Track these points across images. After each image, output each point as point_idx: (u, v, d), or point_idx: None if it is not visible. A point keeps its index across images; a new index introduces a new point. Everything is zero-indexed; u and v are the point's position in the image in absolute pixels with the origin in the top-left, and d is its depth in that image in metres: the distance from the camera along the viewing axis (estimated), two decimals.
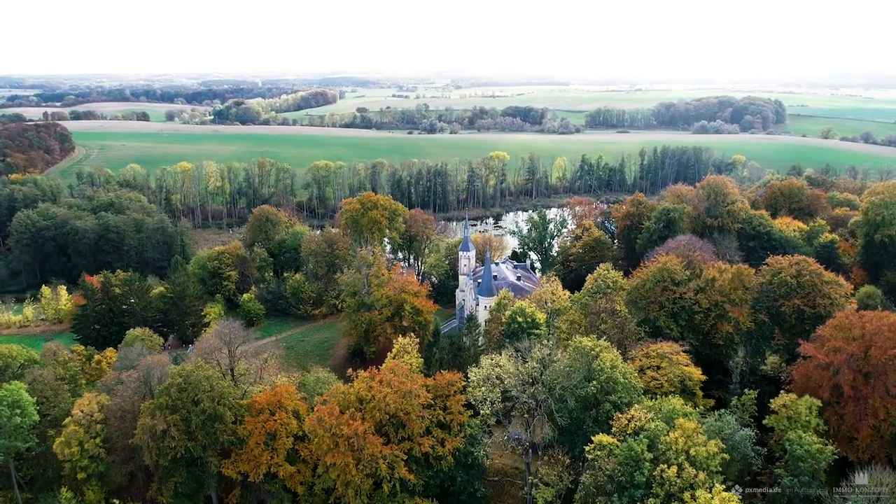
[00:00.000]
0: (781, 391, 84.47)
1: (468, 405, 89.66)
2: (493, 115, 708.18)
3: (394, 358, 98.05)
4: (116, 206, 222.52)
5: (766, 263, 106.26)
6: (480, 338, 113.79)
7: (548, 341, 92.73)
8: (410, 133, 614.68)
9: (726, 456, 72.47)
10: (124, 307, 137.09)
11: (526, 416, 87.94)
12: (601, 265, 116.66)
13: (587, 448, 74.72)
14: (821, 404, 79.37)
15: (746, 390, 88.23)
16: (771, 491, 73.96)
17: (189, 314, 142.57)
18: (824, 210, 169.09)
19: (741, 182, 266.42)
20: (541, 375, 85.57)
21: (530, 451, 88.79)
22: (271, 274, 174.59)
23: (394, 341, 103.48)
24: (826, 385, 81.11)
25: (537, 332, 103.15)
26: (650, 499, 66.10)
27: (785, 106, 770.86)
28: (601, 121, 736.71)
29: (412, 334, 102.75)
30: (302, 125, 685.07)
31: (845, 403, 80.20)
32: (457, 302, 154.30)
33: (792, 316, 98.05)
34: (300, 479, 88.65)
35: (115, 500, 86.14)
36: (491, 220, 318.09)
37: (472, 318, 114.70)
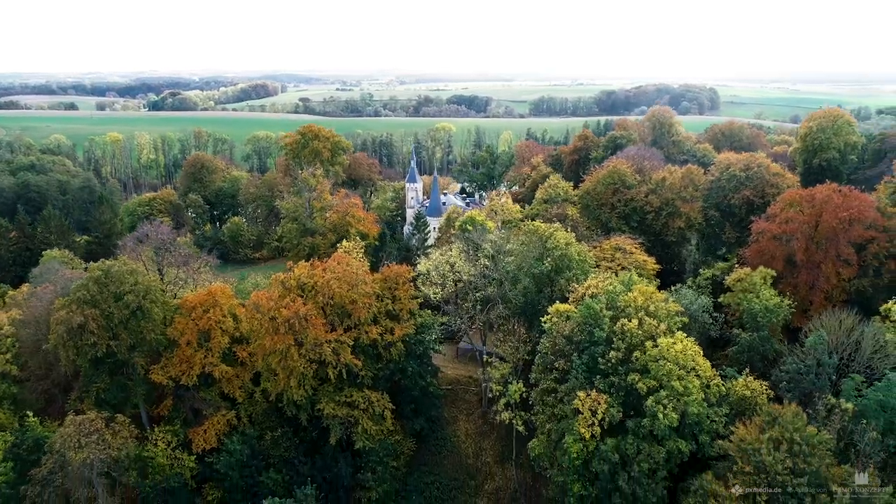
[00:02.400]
0: (735, 268, 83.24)
1: (422, 304, 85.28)
2: (439, 104, 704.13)
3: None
4: (38, 169, 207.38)
5: (714, 163, 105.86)
6: (430, 241, 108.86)
7: (499, 231, 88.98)
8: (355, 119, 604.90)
9: (685, 319, 70.38)
10: (44, 247, 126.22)
11: (478, 304, 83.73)
12: (552, 176, 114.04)
13: (543, 319, 71.30)
14: (774, 274, 78.39)
15: (701, 269, 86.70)
16: (730, 350, 72.25)
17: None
18: (764, 147, 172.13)
19: None
20: (493, 263, 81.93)
21: (482, 359, 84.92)
22: (208, 223, 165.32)
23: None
24: (779, 256, 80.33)
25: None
26: (611, 352, 62.96)
27: (719, 94, 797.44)
28: (545, 108, 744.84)
29: (357, 238, 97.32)
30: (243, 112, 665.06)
31: (798, 273, 79.56)
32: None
33: (742, 208, 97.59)
34: (239, 384, 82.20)
35: (28, 413, 77.28)
36: None
37: (419, 218, 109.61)
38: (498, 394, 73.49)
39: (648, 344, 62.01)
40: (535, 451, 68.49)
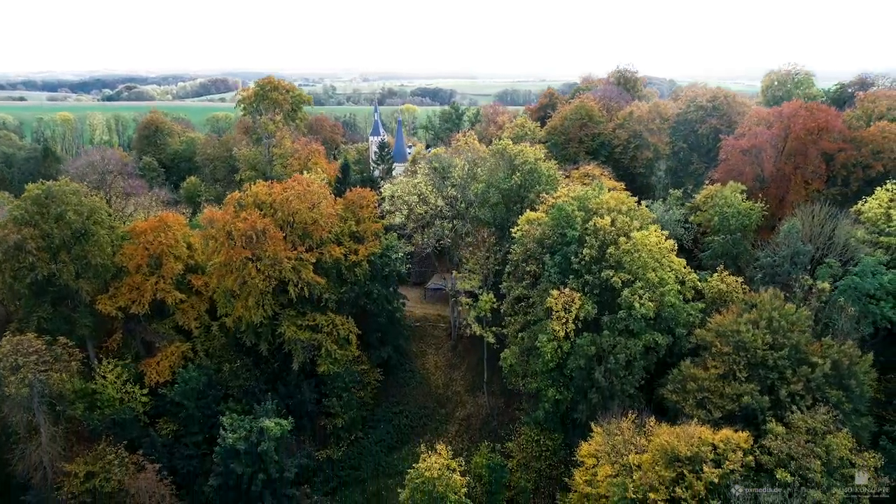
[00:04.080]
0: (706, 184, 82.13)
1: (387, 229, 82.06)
2: (403, 96, 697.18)
3: None
4: None
5: (681, 97, 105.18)
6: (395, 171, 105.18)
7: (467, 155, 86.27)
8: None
9: (658, 226, 68.62)
10: None
11: (446, 229, 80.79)
12: (518, 118, 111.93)
13: (514, 229, 68.80)
14: (745, 188, 77.37)
15: (671, 190, 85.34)
16: (703, 255, 70.88)
17: None
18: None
19: None
20: (462, 192, 79.28)
21: (451, 297, 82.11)
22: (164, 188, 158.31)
23: None
24: (749, 172, 79.32)
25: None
26: (584, 250, 60.68)
27: (678, 83, 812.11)
28: (509, 100, 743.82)
29: (319, 169, 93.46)
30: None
31: (768, 187, 78.73)
32: None
33: (709, 138, 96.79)
34: (194, 316, 77.63)
35: None
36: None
37: (384, 147, 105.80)
38: (467, 307, 70.57)
39: (622, 239, 59.96)
40: (507, 361, 65.88)
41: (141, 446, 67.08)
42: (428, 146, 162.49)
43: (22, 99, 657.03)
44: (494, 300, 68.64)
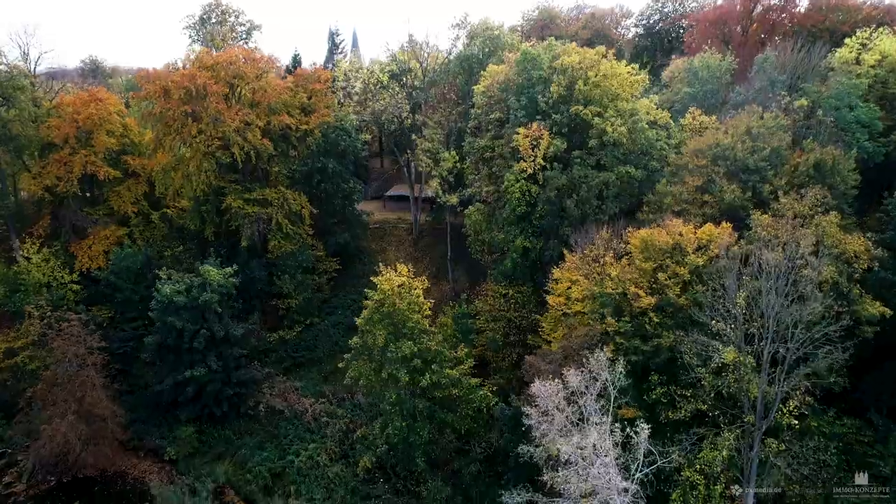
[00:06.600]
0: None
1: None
2: None
3: None
4: None
5: None
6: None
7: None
8: None
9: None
10: None
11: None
12: None
13: (476, 86, 64.57)
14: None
15: None
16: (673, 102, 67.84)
17: None
18: None
19: None
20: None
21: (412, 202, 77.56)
22: None
23: None
24: (716, 42, 77.15)
25: None
26: (552, 87, 56.65)
27: None
28: None
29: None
30: None
31: (735, 54, 76.62)
32: None
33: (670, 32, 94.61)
34: (131, 199, 71.27)
35: None
36: None
37: (336, 34, 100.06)
38: (428, 169, 66.00)
39: (591, 73, 56.22)
40: (471, 218, 61.75)
41: None
42: None
43: None
44: (457, 159, 64.28)
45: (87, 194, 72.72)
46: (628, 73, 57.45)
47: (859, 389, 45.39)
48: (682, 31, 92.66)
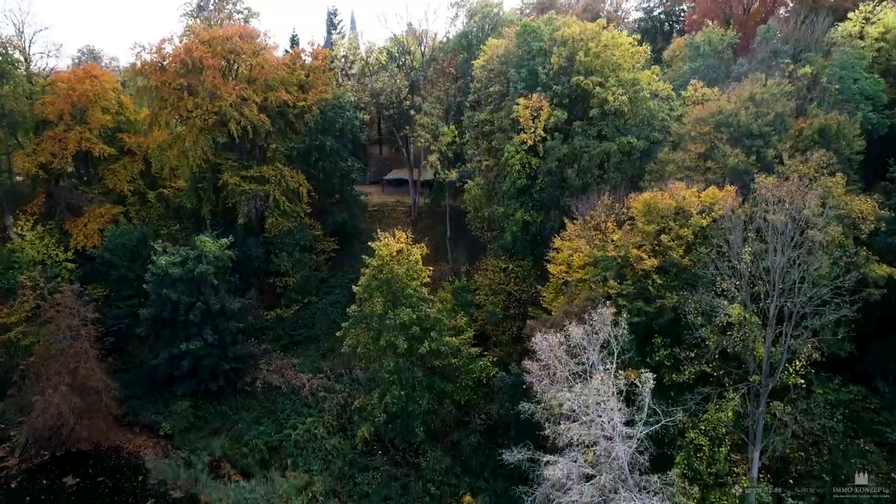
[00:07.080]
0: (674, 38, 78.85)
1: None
2: None
3: None
4: None
5: None
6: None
7: None
8: None
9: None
10: None
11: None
12: None
13: (476, 61, 63.90)
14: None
15: None
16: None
17: None
18: None
19: None
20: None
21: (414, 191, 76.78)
22: None
23: None
24: (718, 20, 76.51)
25: None
26: (553, 58, 55.92)
27: None
28: None
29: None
30: None
31: (740, 30, 76.01)
32: None
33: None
34: (127, 177, 70.59)
35: None
36: None
37: (334, 13, 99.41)
38: (427, 144, 65.24)
39: (591, 44, 55.51)
40: (471, 192, 60.98)
41: None
42: None
43: None
44: (456, 133, 63.55)
45: (83, 173, 71.95)
46: (630, 44, 56.69)
47: (864, 360, 44.83)
48: (682, 13, 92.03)
